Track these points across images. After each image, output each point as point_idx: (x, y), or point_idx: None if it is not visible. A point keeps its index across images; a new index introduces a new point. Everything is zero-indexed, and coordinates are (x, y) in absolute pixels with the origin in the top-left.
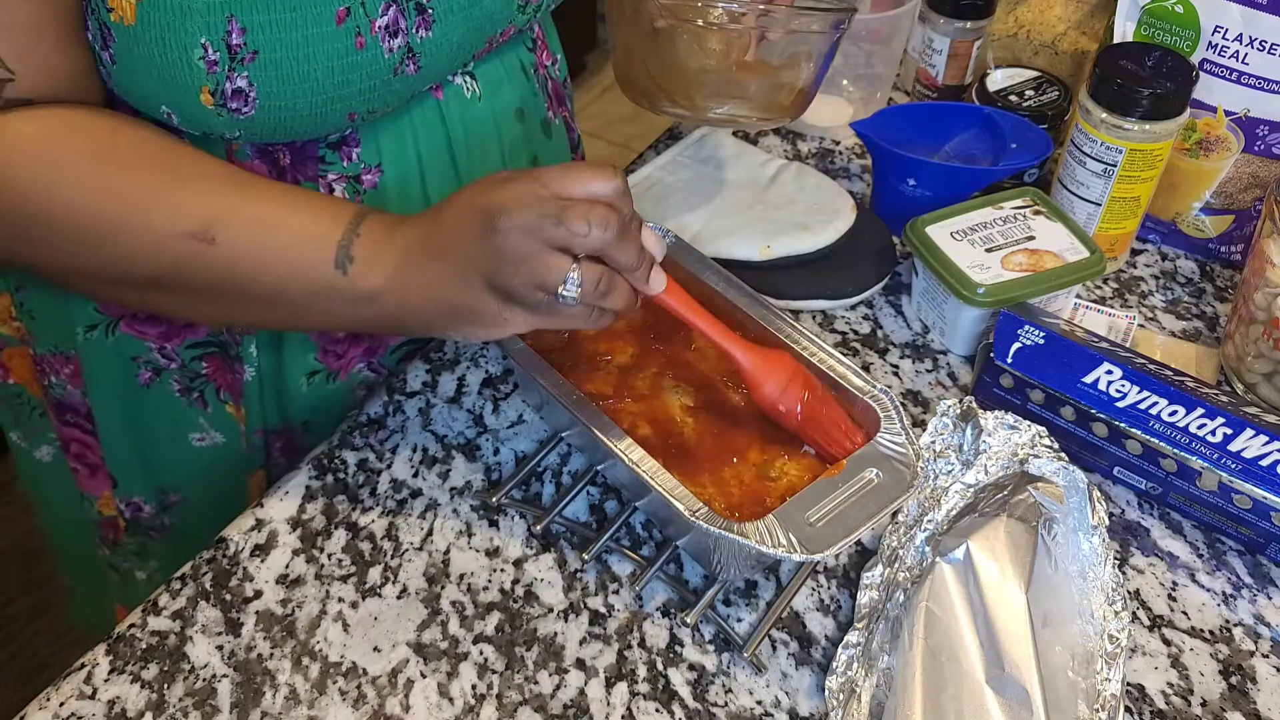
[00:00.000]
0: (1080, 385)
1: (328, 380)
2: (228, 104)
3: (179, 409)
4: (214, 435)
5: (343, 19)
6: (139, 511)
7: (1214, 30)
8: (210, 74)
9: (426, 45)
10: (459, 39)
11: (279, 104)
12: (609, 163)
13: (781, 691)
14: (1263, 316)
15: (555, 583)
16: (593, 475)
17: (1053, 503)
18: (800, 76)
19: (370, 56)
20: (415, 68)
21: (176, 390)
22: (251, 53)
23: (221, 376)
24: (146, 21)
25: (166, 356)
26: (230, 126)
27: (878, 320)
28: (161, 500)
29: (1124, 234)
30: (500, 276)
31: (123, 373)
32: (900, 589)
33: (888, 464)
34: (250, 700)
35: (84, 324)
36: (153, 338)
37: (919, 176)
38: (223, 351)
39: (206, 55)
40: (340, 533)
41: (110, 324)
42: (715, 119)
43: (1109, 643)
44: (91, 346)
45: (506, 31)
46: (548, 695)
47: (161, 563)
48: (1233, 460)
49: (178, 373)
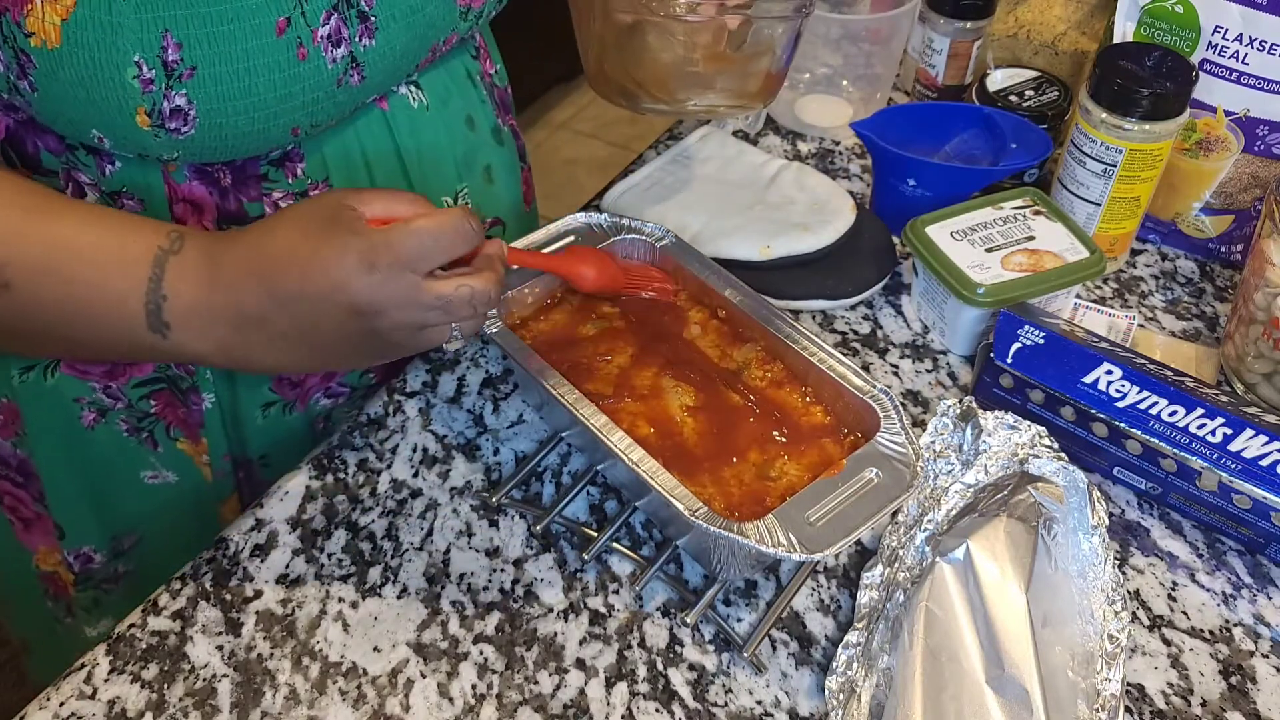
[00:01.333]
0: (1080, 385)
1: (285, 412)
2: (166, 124)
3: (128, 449)
4: (166, 475)
5: (283, 29)
6: (89, 563)
7: (1214, 30)
8: (146, 93)
9: (370, 54)
10: (402, 47)
11: (219, 121)
12: (451, 209)
13: (781, 691)
14: (1263, 316)
15: (555, 583)
16: (593, 475)
17: (1053, 503)
18: (769, 60)
19: (313, 68)
20: (359, 78)
21: (124, 430)
22: (189, 69)
23: (172, 413)
24: (73, 42)
25: (112, 396)
26: (169, 148)
27: (878, 320)
28: (114, 547)
29: (1124, 234)
30: (389, 354)
31: (65, 415)
32: (900, 589)
33: (888, 464)
34: (250, 700)
35: (19, 366)
36: (96, 377)
37: (919, 176)
38: (172, 386)
39: (141, 74)
40: (340, 533)
41: (49, 366)
42: (693, 111)
43: (1109, 643)
44: (29, 389)
45: (449, 39)
46: (548, 695)
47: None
48: (1233, 460)
49: (124, 412)
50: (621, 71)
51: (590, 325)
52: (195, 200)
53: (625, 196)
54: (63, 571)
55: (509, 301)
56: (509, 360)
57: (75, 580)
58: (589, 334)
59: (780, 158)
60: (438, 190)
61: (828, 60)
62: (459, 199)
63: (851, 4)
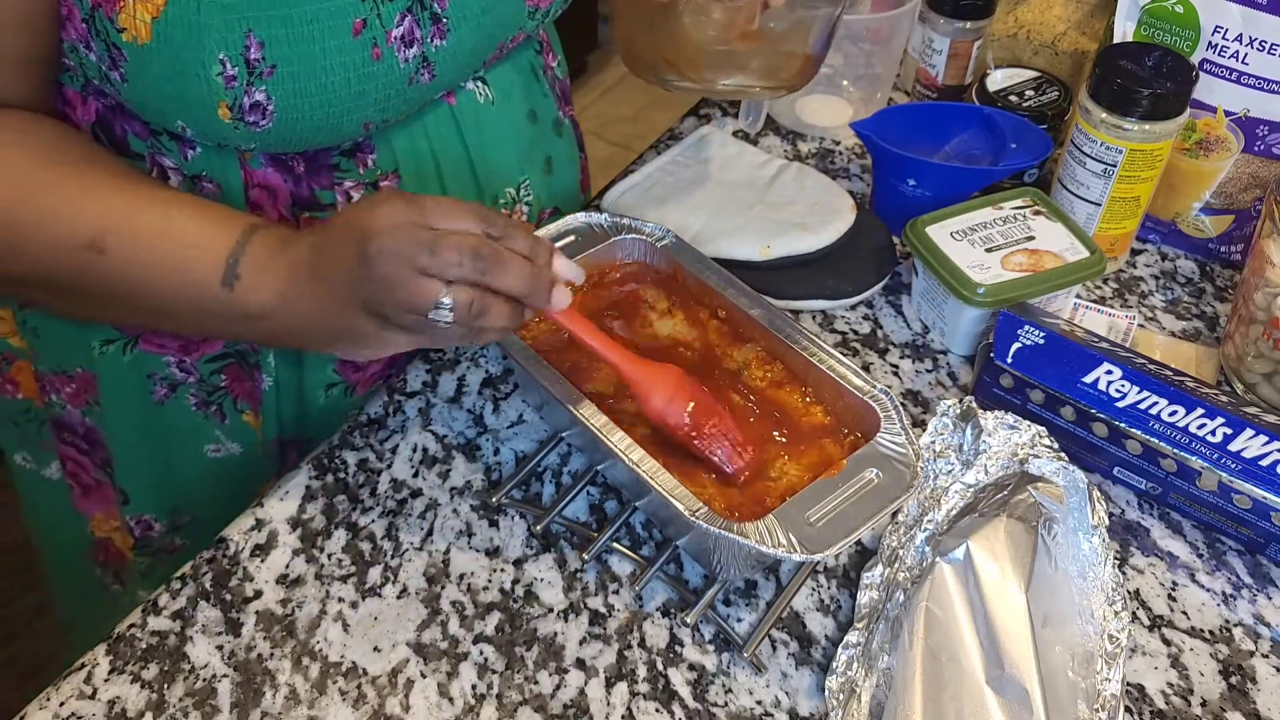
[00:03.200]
0: (1080, 385)
1: (346, 394)
2: (245, 118)
3: (195, 423)
4: (230, 446)
5: (359, 30)
6: (149, 530)
7: (1214, 30)
8: (228, 89)
9: (441, 54)
10: (472, 46)
11: (296, 116)
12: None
13: (781, 691)
14: (1263, 316)
15: (555, 583)
16: (593, 475)
17: (1053, 503)
18: (805, 44)
19: (386, 67)
20: (430, 76)
21: (193, 405)
22: (270, 67)
23: (239, 386)
24: (163, 40)
25: (184, 370)
26: (247, 139)
27: (878, 320)
28: (173, 520)
29: (1124, 234)
30: (373, 299)
31: (138, 390)
32: (900, 589)
33: (888, 464)
34: (250, 700)
35: (100, 338)
36: (172, 351)
37: (919, 176)
38: (240, 361)
39: (225, 71)
40: (340, 533)
41: (129, 342)
42: (723, 91)
43: (1109, 643)
44: (108, 362)
45: (516, 37)
46: (548, 695)
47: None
48: (1233, 460)
49: (195, 387)
50: (653, 48)
51: None
52: (269, 186)
53: (625, 196)
54: (119, 537)
55: None
56: (509, 360)
57: (134, 545)
58: None
59: (780, 158)
60: (501, 182)
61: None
62: (521, 190)
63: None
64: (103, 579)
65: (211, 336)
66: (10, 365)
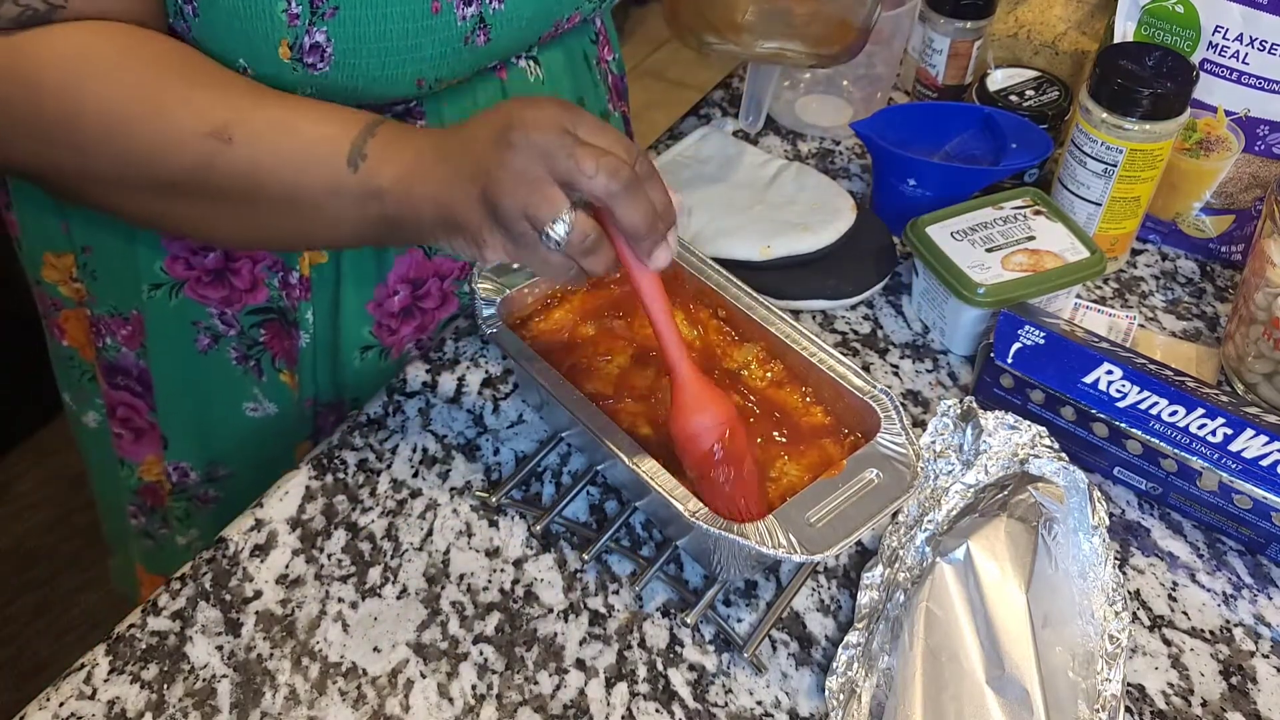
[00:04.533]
0: (1080, 385)
1: (380, 358)
2: (304, 58)
3: (235, 377)
4: (267, 406)
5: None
6: (185, 477)
7: (1214, 30)
8: (291, 27)
9: (498, 17)
10: (529, 14)
11: (353, 62)
12: (636, 146)
13: (781, 691)
14: (1263, 316)
15: (555, 583)
16: (593, 475)
17: (1053, 503)
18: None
19: (444, 21)
20: (485, 39)
21: (234, 358)
22: (332, 8)
23: (278, 344)
24: None
25: (226, 323)
26: (304, 83)
27: (878, 320)
28: (209, 472)
29: (1124, 234)
30: (496, 189)
31: (183, 336)
32: (900, 589)
33: (888, 464)
34: (250, 700)
35: (149, 282)
36: (214, 302)
37: (919, 176)
38: (281, 318)
39: (290, 8)
40: (340, 533)
41: (175, 286)
42: (763, 54)
43: (1109, 643)
44: (155, 306)
45: (573, 18)
46: (548, 695)
47: (204, 532)
48: (1233, 460)
49: (236, 340)
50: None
51: (590, 325)
52: None
53: None
54: (164, 481)
55: (509, 301)
56: (509, 360)
57: (172, 490)
58: (589, 334)
59: (780, 158)
60: None
61: None
62: None
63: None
64: (148, 526)
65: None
66: (59, 312)
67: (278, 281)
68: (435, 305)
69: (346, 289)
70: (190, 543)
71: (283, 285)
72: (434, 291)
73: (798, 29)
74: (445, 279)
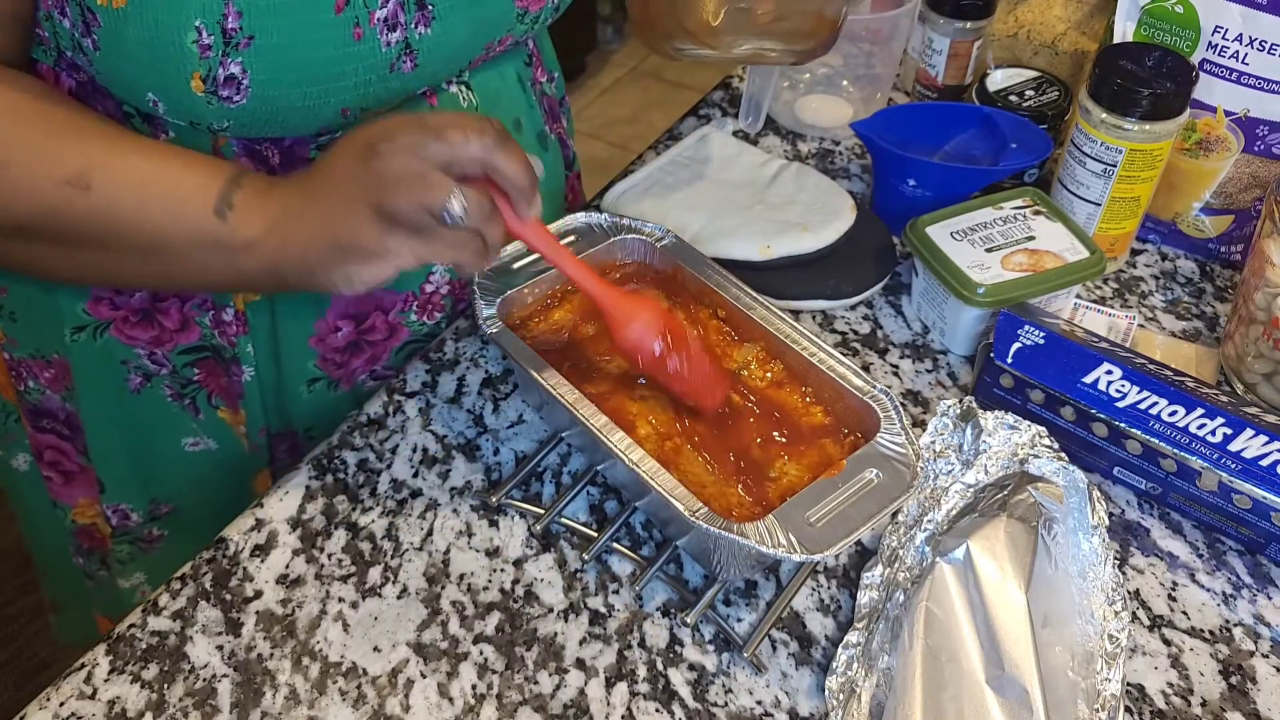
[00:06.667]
0: (1080, 385)
1: (331, 389)
2: (219, 91)
3: (172, 414)
4: (207, 441)
5: (342, 8)
6: (126, 520)
7: (1214, 30)
8: (203, 59)
9: (425, 42)
10: (458, 40)
11: (272, 93)
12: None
13: (781, 691)
14: (1263, 316)
15: (555, 583)
16: (593, 475)
17: (1053, 503)
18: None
19: (368, 49)
20: (412, 65)
21: (169, 396)
22: (247, 37)
23: (214, 382)
24: (139, 3)
25: (157, 362)
26: (220, 116)
27: (878, 320)
28: (152, 511)
29: (1124, 234)
30: (384, 198)
31: (113, 377)
32: (900, 589)
33: (888, 464)
34: (250, 700)
35: (71, 325)
36: (142, 343)
37: (919, 176)
38: (216, 355)
39: (200, 39)
40: (340, 533)
41: (99, 327)
42: (739, 57)
43: (1109, 643)
44: (80, 349)
45: (504, 40)
46: (548, 695)
47: (150, 574)
48: (1233, 460)
49: (169, 378)
50: (668, 15)
51: (590, 325)
52: None
53: (625, 196)
54: (101, 524)
55: (509, 301)
56: (509, 360)
57: (113, 533)
58: (589, 334)
59: (780, 158)
60: None
61: (828, 60)
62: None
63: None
64: (87, 567)
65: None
66: None
67: (209, 320)
68: (384, 337)
69: (284, 324)
70: (136, 586)
71: (215, 323)
72: (379, 325)
73: (770, 28)
74: (389, 312)
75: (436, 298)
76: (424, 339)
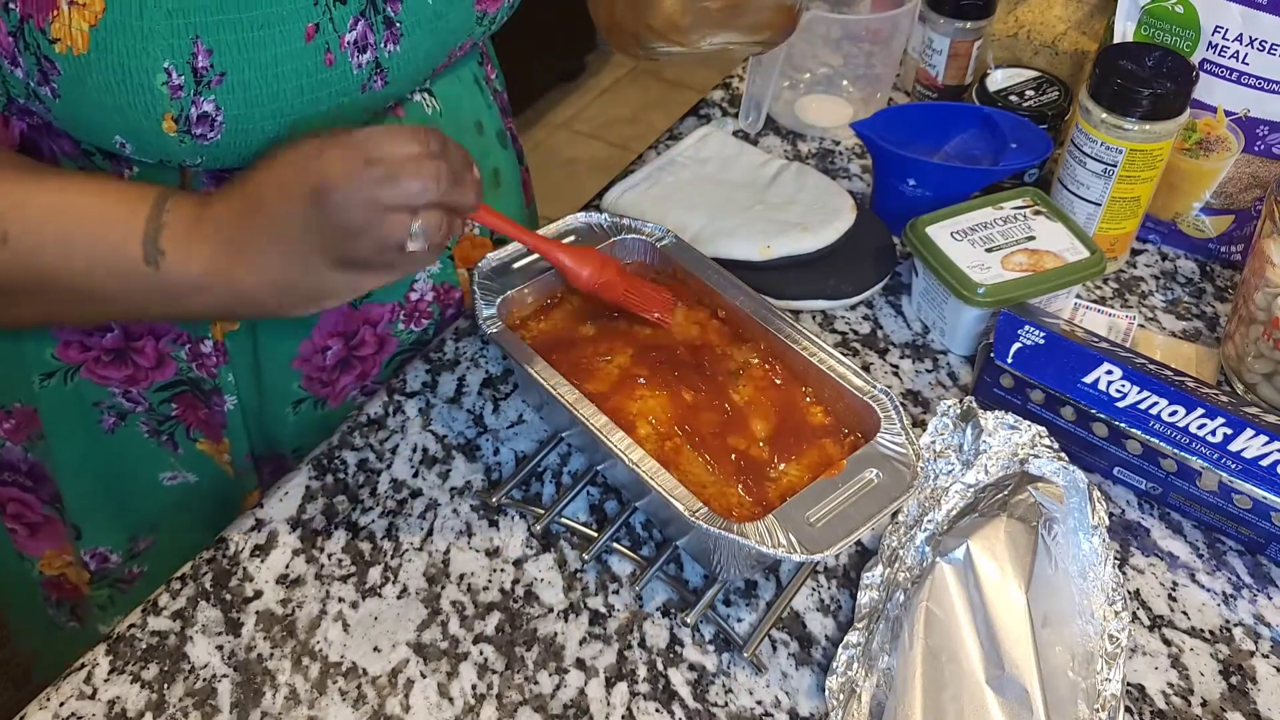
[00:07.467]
0: (1080, 385)
1: (317, 408)
2: (192, 130)
3: (148, 451)
4: (186, 475)
5: (312, 35)
6: (105, 563)
7: (1214, 30)
8: (174, 99)
9: (395, 59)
10: (425, 52)
11: (246, 127)
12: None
13: (781, 691)
14: (1263, 316)
15: (555, 583)
16: (593, 475)
17: (1053, 503)
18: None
19: (339, 73)
20: (383, 83)
21: (145, 433)
22: (219, 75)
23: (192, 415)
24: (103, 48)
25: (132, 400)
26: (193, 153)
27: (878, 320)
28: (131, 548)
29: (1124, 234)
30: (349, 249)
31: (85, 420)
32: (900, 589)
33: (888, 464)
34: (250, 700)
35: (39, 372)
36: (116, 382)
37: (919, 176)
38: (194, 388)
39: (170, 80)
40: (340, 533)
41: (70, 371)
42: (709, 51)
43: (1109, 643)
44: (49, 395)
45: (465, 45)
46: (548, 695)
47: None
48: (1233, 460)
49: (145, 415)
50: (634, 17)
51: (590, 325)
52: None
53: (625, 196)
54: (73, 572)
55: (509, 301)
56: (509, 360)
57: (91, 579)
58: (589, 334)
59: (780, 158)
60: None
61: (828, 60)
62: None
63: (851, 4)
64: (56, 618)
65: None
66: None
67: (186, 353)
68: (374, 350)
69: (266, 349)
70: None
71: (193, 356)
72: (369, 339)
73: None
74: (377, 324)
75: (423, 304)
76: (413, 348)
